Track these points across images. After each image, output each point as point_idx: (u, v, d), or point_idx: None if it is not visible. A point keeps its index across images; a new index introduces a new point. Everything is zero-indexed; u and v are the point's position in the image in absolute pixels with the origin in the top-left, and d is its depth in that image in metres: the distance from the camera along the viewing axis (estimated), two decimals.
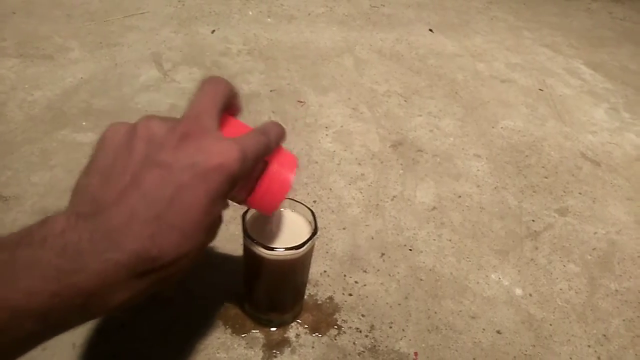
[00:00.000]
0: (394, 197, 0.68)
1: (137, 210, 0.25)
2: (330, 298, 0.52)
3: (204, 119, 0.29)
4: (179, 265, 0.27)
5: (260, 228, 0.43)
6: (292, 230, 0.44)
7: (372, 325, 0.50)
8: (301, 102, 0.87)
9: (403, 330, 0.50)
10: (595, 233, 0.67)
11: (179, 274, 0.28)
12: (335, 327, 0.49)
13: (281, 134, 0.34)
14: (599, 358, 0.51)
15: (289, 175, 0.34)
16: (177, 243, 0.26)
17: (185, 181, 0.26)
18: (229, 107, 0.33)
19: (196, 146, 0.27)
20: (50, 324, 0.24)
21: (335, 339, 0.48)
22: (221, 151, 0.27)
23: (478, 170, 0.76)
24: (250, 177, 0.33)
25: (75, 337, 0.45)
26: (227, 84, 0.32)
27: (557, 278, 0.59)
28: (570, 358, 0.50)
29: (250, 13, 1.19)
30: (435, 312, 0.52)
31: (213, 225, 0.29)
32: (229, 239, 0.56)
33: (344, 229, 0.61)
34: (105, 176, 0.26)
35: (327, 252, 0.58)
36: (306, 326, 0.49)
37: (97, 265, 0.24)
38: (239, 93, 0.34)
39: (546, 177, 0.76)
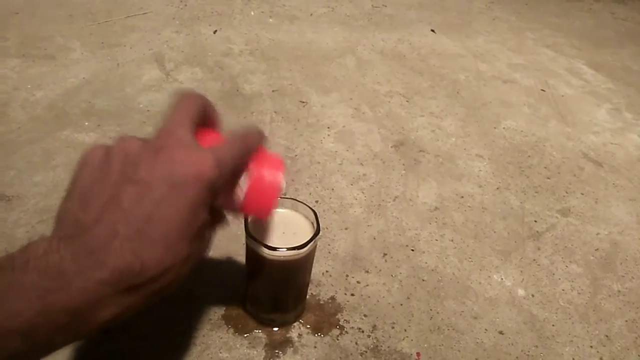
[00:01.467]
0: (396, 197, 0.68)
1: (118, 228, 0.25)
2: (333, 298, 0.52)
3: (178, 131, 0.29)
4: (166, 278, 0.27)
5: (263, 228, 0.43)
6: (294, 231, 0.44)
7: (375, 326, 0.50)
8: (303, 102, 0.87)
9: (405, 330, 0.50)
10: (598, 234, 0.67)
11: (171, 286, 0.28)
12: (338, 327, 0.49)
13: (259, 137, 0.34)
14: (601, 359, 0.50)
15: (275, 178, 0.34)
16: (160, 256, 0.26)
17: (163, 194, 0.26)
18: (206, 120, 0.33)
19: (170, 158, 0.27)
20: (36, 343, 0.24)
21: (338, 339, 0.48)
22: (196, 160, 0.28)
23: (480, 170, 0.76)
24: (236, 186, 0.33)
25: None
26: (200, 97, 0.33)
27: (559, 279, 0.59)
28: (573, 359, 0.50)
29: (253, 13, 1.20)
30: (438, 313, 0.52)
31: (198, 235, 0.29)
32: (232, 240, 0.56)
33: (346, 229, 0.61)
34: (85, 198, 0.27)
35: (329, 252, 0.58)
36: (308, 326, 0.49)
37: (80, 283, 0.24)
38: (214, 106, 0.34)
39: (548, 178, 0.76)
